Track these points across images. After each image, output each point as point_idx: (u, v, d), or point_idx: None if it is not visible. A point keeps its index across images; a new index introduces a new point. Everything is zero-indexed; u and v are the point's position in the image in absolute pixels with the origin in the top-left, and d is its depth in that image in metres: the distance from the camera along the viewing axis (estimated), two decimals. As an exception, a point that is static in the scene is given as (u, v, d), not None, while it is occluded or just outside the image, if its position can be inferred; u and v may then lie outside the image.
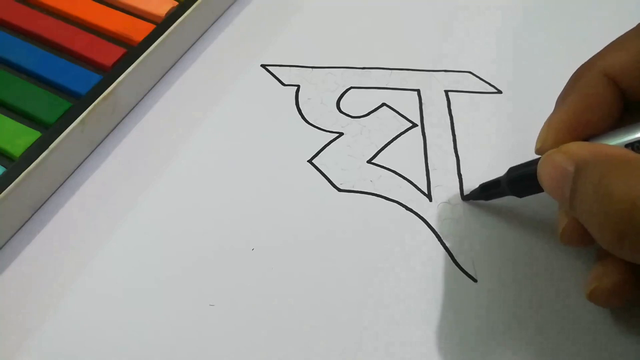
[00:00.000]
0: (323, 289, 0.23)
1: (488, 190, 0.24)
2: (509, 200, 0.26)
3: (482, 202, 0.26)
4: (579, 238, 0.20)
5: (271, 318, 0.22)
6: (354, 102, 0.30)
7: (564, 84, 0.31)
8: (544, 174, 0.20)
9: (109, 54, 0.28)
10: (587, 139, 0.21)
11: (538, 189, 0.21)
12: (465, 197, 0.26)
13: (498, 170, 0.27)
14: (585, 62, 0.22)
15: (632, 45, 0.21)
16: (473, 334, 0.22)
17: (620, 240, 0.17)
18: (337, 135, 0.28)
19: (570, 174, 0.19)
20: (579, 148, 0.19)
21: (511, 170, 0.23)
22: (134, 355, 0.21)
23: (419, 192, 0.26)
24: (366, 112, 0.29)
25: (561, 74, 0.31)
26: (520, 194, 0.23)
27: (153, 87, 0.30)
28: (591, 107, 0.21)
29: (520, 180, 0.22)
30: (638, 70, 0.20)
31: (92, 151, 0.27)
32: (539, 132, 0.22)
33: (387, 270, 0.24)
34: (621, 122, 0.21)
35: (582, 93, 0.21)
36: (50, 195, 0.26)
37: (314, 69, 0.31)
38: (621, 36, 0.21)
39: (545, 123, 0.22)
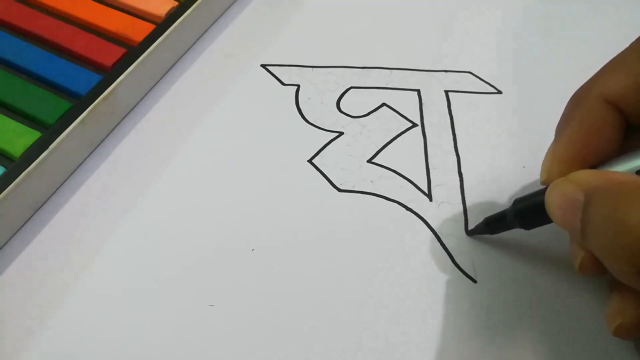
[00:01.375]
0: (323, 289, 0.23)
1: (493, 225, 0.23)
2: (508, 202, 0.26)
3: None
4: (599, 269, 0.19)
5: (271, 318, 0.22)
6: (354, 102, 0.30)
7: (564, 84, 0.31)
8: (552, 204, 0.19)
9: (109, 54, 0.28)
10: (593, 167, 0.20)
11: (546, 220, 0.20)
12: (469, 232, 0.25)
13: (499, 170, 0.27)
14: (582, 87, 0.21)
15: (630, 68, 0.20)
16: (473, 335, 0.22)
17: (638, 273, 0.16)
18: (337, 135, 0.28)
19: (580, 204, 0.18)
20: (588, 176, 0.18)
21: (517, 202, 0.22)
22: (134, 355, 0.21)
23: (419, 191, 0.26)
24: (366, 112, 0.29)
25: (561, 73, 0.31)
26: (528, 227, 0.22)
27: (153, 87, 0.30)
28: (595, 135, 0.20)
29: (528, 212, 0.21)
30: (639, 94, 0.20)
31: (92, 151, 0.27)
32: (542, 163, 0.21)
33: (387, 270, 0.24)
34: (625, 146, 0.20)
35: (584, 120, 0.20)
36: (50, 195, 0.26)
37: (314, 69, 0.31)
38: (617, 57, 0.21)
39: (547, 153, 0.21)
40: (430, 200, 0.26)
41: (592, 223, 0.17)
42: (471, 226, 0.25)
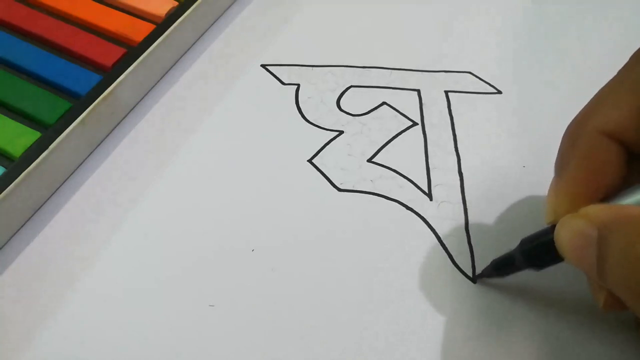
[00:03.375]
0: (323, 289, 0.23)
1: (502, 268, 0.22)
2: (508, 202, 0.26)
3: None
4: (624, 305, 0.18)
5: (271, 318, 0.22)
6: (354, 101, 0.30)
7: (564, 84, 0.31)
8: (563, 242, 0.18)
9: (109, 54, 0.28)
10: (600, 202, 0.19)
11: (557, 259, 0.19)
12: (477, 277, 0.24)
13: (499, 170, 0.27)
14: (576, 122, 0.20)
15: (624, 97, 0.19)
16: (472, 335, 0.22)
17: None
18: (337, 134, 0.28)
19: (593, 240, 0.17)
20: (599, 210, 0.18)
21: (524, 242, 0.21)
22: (134, 355, 0.21)
23: (419, 191, 0.26)
24: (366, 111, 0.29)
25: (561, 74, 0.31)
26: (538, 268, 0.21)
27: (153, 87, 0.30)
28: (598, 170, 0.19)
29: (537, 252, 0.20)
30: (637, 125, 0.19)
31: (92, 151, 0.27)
32: (546, 202, 0.21)
33: (387, 270, 0.24)
34: (629, 177, 0.20)
35: (584, 156, 0.19)
36: (50, 195, 0.26)
37: (314, 68, 0.31)
38: (607, 88, 0.20)
39: (550, 192, 0.20)
40: (431, 199, 0.26)
41: (608, 259, 0.17)
42: (472, 225, 0.25)
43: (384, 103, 0.30)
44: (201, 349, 0.21)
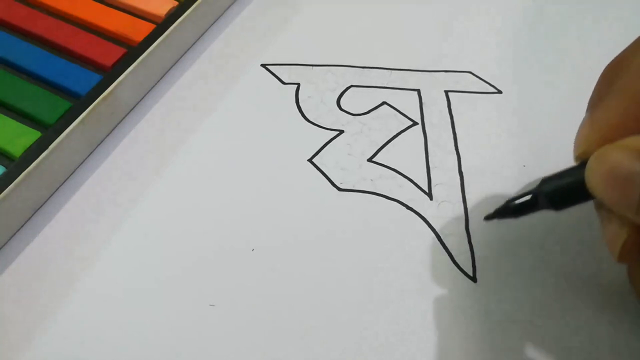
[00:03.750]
0: (323, 289, 0.23)
1: (517, 209, 0.20)
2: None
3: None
4: None
5: (271, 318, 0.22)
6: (354, 101, 0.30)
7: (564, 84, 0.31)
8: (597, 177, 0.17)
9: (109, 54, 0.28)
10: None
11: (584, 198, 0.18)
12: (487, 217, 0.21)
13: (499, 170, 0.27)
14: (620, 58, 0.19)
15: None
16: (473, 335, 0.22)
17: None
18: (337, 133, 0.28)
19: (636, 174, 0.15)
20: None
21: (545, 180, 0.19)
22: (134, 355, 0.21)
23: (419, 190, 0.26)
24: (366, 110, 0.29)
25: (561, 73, 0.31)
26: (560, 207, 0.19)
27: (153, 87, 0.30)
28: None
29: (562, 190, 0.18)
30: None
31: (92, 151, 0.27)
32: (576, 137, 0.19)
33: (387, 270, 0.24)
34: None
35: (628, 88, 0.18)
36: (50, 195, 0.26)
37: (314, 68, 0.31)
38: None
39: (583, 125, 0.19)
40: (431, 199, 0.26)
41: None
42: (473, 224, 0.25)
43: (384, 103, 0.30)
44: (201, 349, 0.21)
